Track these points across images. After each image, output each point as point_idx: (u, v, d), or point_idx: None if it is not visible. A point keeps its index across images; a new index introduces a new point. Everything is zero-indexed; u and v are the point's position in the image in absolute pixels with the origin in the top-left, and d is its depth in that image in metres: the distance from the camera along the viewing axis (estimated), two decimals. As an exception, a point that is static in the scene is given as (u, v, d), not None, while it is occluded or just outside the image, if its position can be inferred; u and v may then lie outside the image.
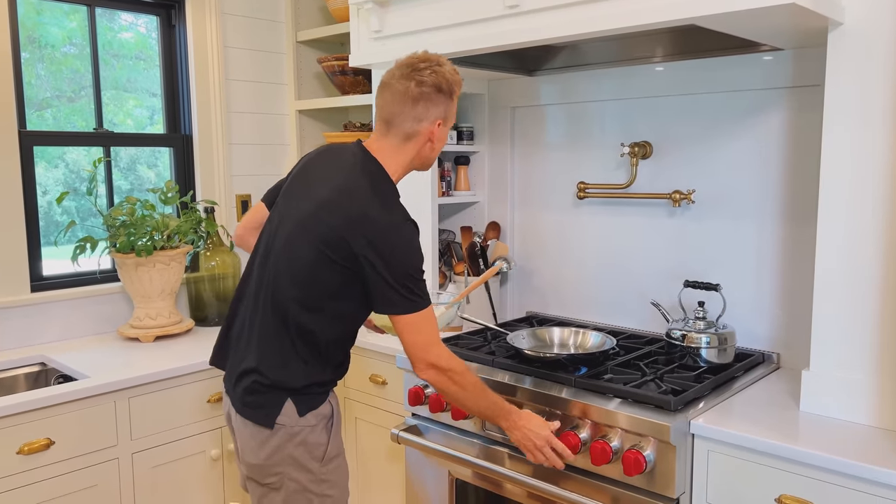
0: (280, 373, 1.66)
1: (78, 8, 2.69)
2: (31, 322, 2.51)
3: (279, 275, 1.66)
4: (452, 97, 1.69)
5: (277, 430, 1.66)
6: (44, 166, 2.65)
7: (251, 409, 1.68)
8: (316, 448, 1.69)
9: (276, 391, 1.67)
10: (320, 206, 1.62)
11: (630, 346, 2.26)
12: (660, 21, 1.65)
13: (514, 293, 2.80)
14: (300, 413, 1.66)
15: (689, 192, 2.25)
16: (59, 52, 2.69)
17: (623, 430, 1.74)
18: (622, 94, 2.40)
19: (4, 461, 1.92)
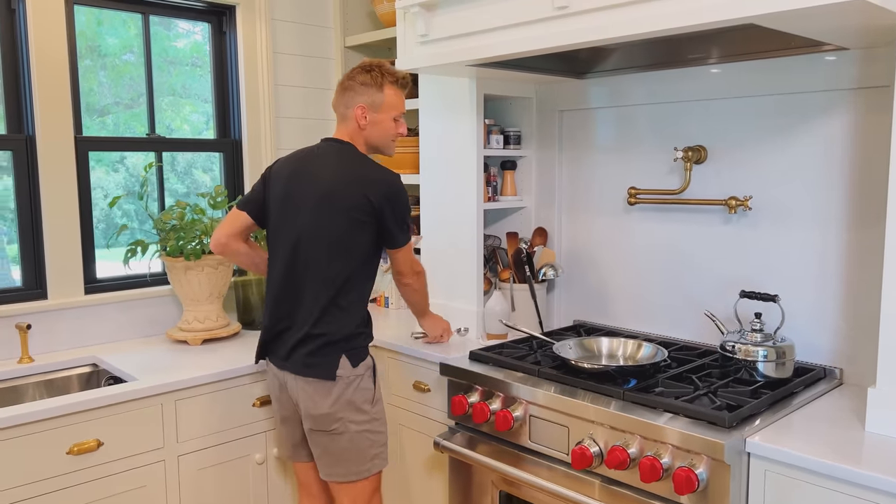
0: (333, 327, 2.04)
1: (136, 16, 2.75)
2: (84, 323, 2.56)
3: (318, 253, 2.04)
4: (381, 88, 2.07)
5: (338, 381, 2.03)
6: (104, 170, 2.72)
7: (314, 368, 2.04)
8: (366, 392, 2.08)
9: (332, 348, 2.04)
10: (334, 184, 2.03)
11: (682, 358, 2.18)
12: (717, 20, 1.58)
13: (561, 301, 2.74)
14: (353, 365, 2.05)
15: (746, 198, 2.16)
16: (120, 59, 2.75)
17: (674, 446, 1.67)
18: (675, 97, 2.33)
19: (55, 461, 1.96)
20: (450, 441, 2.19)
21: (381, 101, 2.08)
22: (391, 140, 2.15)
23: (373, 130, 2.11)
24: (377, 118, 2.09)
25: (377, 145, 2.14)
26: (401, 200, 2.08)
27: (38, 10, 2.40)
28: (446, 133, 2.62)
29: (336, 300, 2.05)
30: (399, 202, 2.08)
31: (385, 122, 2.11)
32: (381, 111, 2.09)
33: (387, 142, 2.14)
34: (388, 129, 2.12)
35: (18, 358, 2.39)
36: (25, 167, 2.46)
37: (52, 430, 1.95)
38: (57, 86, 2.46)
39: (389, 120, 2.11)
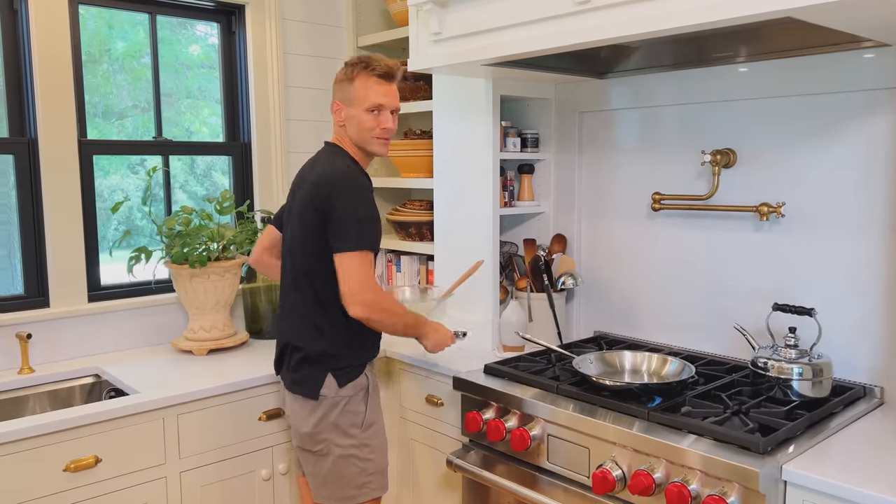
0: (311, 343, 1.93)
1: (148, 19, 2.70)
2: (87, 332, 2.49)
3: (296, 264, 1.96)
4: (351, 81, 1.93)
5: (322, 401, 1.92)
6: (123, 173, 2.66)
7: (298, 385, 1.96)
8: (355, 415, 1.94)
9: (315, 365, 1.93)
10: (302, 190, 1.94)
11: (710, 373, 2.05)
12: (753, 14, 1.46)
13: (581, 311, 2.62)
14: (339, 385, 1.93)
15: (779, 204, 2.03)
16: (138, 62, 2.69)
17: (703, 472, 1.55)
18: (702, 98, 2.20)
19: (51, 478, 1.88)
20: (463, 460, 2.09)
21: (353, 94, 1.93)
22: (373, 136, 1.95)
23: (350, 127, 1.96)
24: (351, 113, 1.94)
25: (358, 143, 1.97)
26: (348, 195, 1.86)
27: (40, 11, 2.33)
28: (461, 135, 2.52)
29: (314, 314, 1.95)
30: (344, 196, 1.85)
31: (359, 115, 1.93)
32: (353, 105, 1.93)
33: (367, 138, 1.95)
34: (363, 123, 1.93)
35: (19, 368, 2.32)
36: (27, 171, 2.39)
37: (48, 447, 1.87)
38: (60, 88, 2.38)
39: (363, 113, 1.93)
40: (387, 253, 3.10)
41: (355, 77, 1.92)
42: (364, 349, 2.00)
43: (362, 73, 1.92)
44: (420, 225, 2.86)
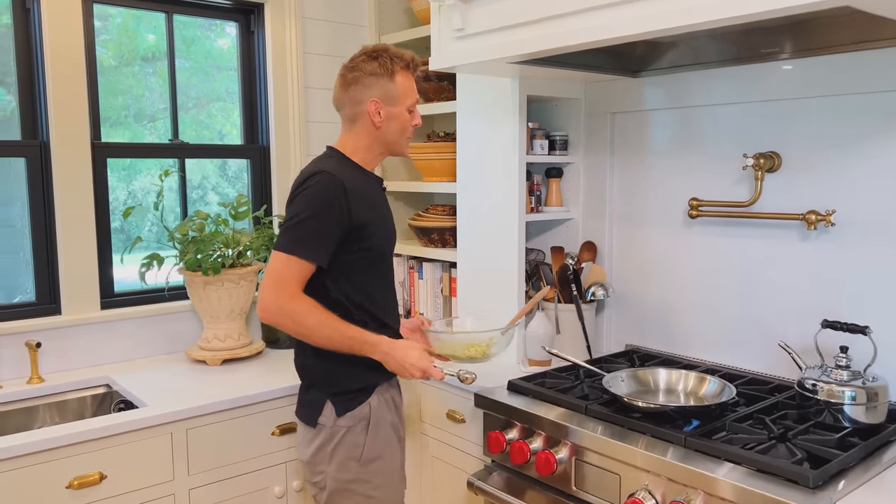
0: (306, 363, 1.79)
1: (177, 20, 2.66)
2: (99, 340, 2.42)
3: None
4: (392, 77, 1.76)
5: (320, 430, 1.77)
6: (153, 174, 2.62)
7: (301, 408, 1.83)
8: (354, 448, 1.76)
9: (315, 390, 1.79)
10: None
11: (751, 394, 1.90)
12: (801, 5, 1.32)
13: (612, 323, 2.48)
14: (338, 413, 1.75)
15: (829, 212, 1.87)
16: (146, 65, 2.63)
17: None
18: (743, 98, 2.05)
19: (53, 496, 1.80)
20: (485, 482, 1.97)
21: (395, 92, 1.76)
22: (406, 138, 1.83)
23: (389, 127, 1.79)
24: (393, 112, 1.78)
25: (392, 142, 1.81)
26: (303, 191, 1.69)
27: (52, 10, 2.27)
28: (486, 138, 2.40)
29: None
30: (301, 192, 1.69)
31: (402, 115, 1.79)
32: (396, 103, 1.77)
33: (403, 138, 1.82)
34: (405, 122, 1.80)
35: (28, 378, 2.25)
36: (39, 175, 2.33)
37: (50, 462, 1.80)
38: (72, 89, 2.32)
39: (405, 112, 1.79)
40: (408, 259, 2.99)
41: (396, 73, 1.76)
42: (366, 369, 1.76)
43: (404, 69, 1.78)
44: (443, 231, 2.74)
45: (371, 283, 1.79)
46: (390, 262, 1.90)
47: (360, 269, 1.76)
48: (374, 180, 1.86)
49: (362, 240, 1.74)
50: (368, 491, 1.78)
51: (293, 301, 1.66)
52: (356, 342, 1.69)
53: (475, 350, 2.06)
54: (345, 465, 1.76)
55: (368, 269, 1.78)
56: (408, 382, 2.44)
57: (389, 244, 1.87)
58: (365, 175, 1.83)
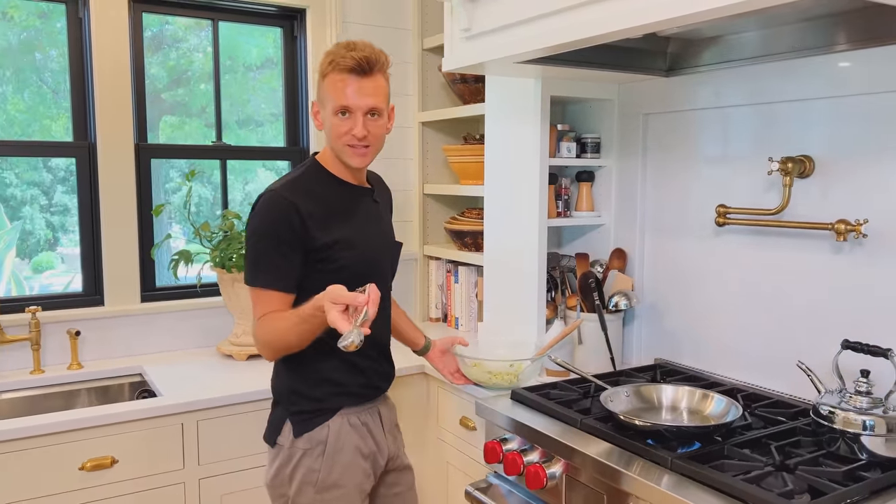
0: (273, 379, 1.77)
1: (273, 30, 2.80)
2: (138, 331, 2.55)
3: None
4: (323, 77, 1.65)
5: (279, 451, 1.71)
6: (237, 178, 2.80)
7: (266, 427, 1.77)
8: (310, 473, 1.67)
9: (277, 407, 1.74)
10: None
11: (770, 417, 1.75)
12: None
13: (643, 335, 2.36)
14: (295, 434, 1.68)
15: (859, 222, 1.70)
16: (271, 72, 2.83)
17: (724, 541, 1.30)
18: (779, 97, 1.89)
19: (66, 476, 1.90)
20: (484, 494, 1.91)
21: (322, 94, 1.65)
22: (343, 144, 1.64)
23: (327, 132, 1.67)
24: (325, 115, 1.65)
25: (337, 152, 1.68)
26: (251, 220, 1.64)
27: (100, 18, 2.41)
28: (510, 140, 2.34)
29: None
30: (250, 220, 1.64)
31: (329, 118, 1.63)
32: (326, 105, 1.64)
33: (338, 144, 1.65)
34: (333, 126, 1.63)
35: (68, 364, 2.40)
36: (87, 174, 2.48)
37: (65, 444, 1.90)
38: (118, 92, 2.45)
39: (331, 115, 1.63)
40: (446, 263, 2.97)
41: (326, 74, 1.62)
42: (328, 392, 1.69)
43: (331, 69, 1.61)
44: (476, 234, 2.71)
45: None
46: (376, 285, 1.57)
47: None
48: (351, 192, 1.74)
49: (328, 261, 1.63)
50: None
51: (255, 329, 1.62)
52: (307, 321, 1.52)
53: (502, 378, 2.05)
54: (301, 489, 1.67)
55: None
56: (421, 386, 2.42)
57: (369, 264, 1.72)
58: (338, 187, 1.72)
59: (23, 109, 2.46)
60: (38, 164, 2.51)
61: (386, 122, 1.71)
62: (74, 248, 2.55)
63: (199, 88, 2.71)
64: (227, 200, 2.76)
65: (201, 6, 2.65)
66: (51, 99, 2.49)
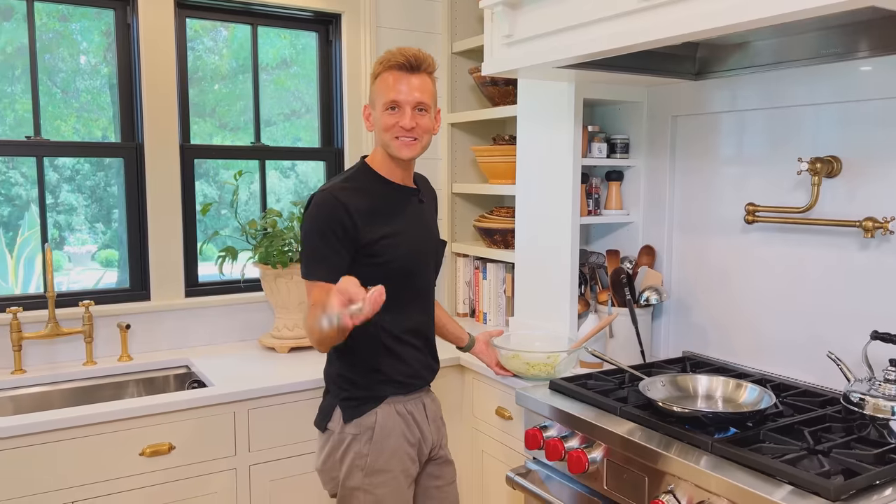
0: (327, 366, 1.88)
1: (300, 33, 2.92)
2: (183, 325, 2.64)
3: None
4: (374, 80, 1.79)
5: (329, 436, 1.82)
6: (277, 176, 2.92)
7: (317, 414, 1.89)
8: (359, 458, 1.78)
9: (329, 394, 1.85)
10: None
11: (800, 405, 1.85)
12: (825, 5, 1.29)
13: (671, 329, 2.45)
14: (345, 420, 1.79)
15: (886, 219, 1.79)
16: (290, 72, 2.91)
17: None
18: (806, 100, 1.99)
19: (128, 461, 2.00)
20: (524, 478, 2.01)
21: (373, 94, 1.79)
22: (391, 137, 1.75)
23: (377, 130, 1.79)
24: (375, 115, 1.79)
25: (385, 146, 1.79)
26: (305, 219, 1.76)
27: (148, 24, 2.51)
28: (543, 141, 2.44)
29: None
30: (304, 219, 1.76)
31: (379, 115, 1.76)
32: (376, 104, 1.78)
33: (385, 138, 1.76)
34: (383, 122, 1.75)
35: (119, 356, 2.50)
36: (134, 174, 2.58)
37: (126, 431, 2.00)
38: (164, 95, 2.55)
39: (383, 112, 1.75)
40: (474, 260, 3.07)
41: (378, 76, 1.77)
42: (376, 380, 1.80)
43: (383, 69, 1.75)
44: (505, 232, 2.80)
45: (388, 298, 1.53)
46: (420, 279, 1.86)
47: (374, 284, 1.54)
48: (398, 192, 1.84)
49: (375, 256, 1.75)
50: (372, 502, 1.78)
51: (308, 317, 1.70)
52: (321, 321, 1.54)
53: (540, 369, 2.14)
54: (351, 472, 1.78)
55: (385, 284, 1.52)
56: (455, 378, 2.51)
57: (413, 260, 1.82)
58: (385, 187, 1.82)
59: (31, 109, 2.45)
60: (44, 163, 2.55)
61: (433, 119, 1.82)
62: (81, 248, 2.62)
63: (212, 89, 2.79)
64: (266, 198, 2.86)
65: (241, 11, 2.74)
66: (60, 99, 2.53)
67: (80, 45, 2.53)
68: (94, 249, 2.66)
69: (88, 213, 2.62)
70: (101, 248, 2.66)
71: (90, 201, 2.62)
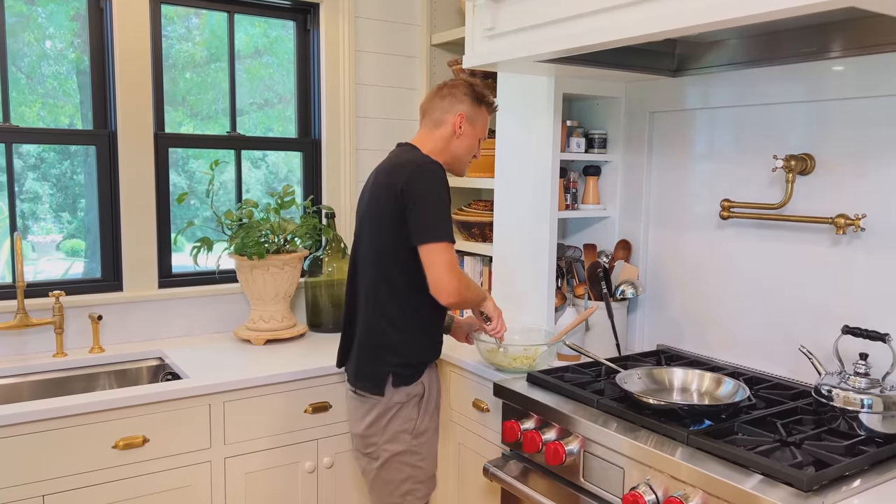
0: (378, 338, 1.96)
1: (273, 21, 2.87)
2: (156, 317, 2.61)
3: (363, 258, 1.99)
4: (480, 103, 2.02)
5: (377, 403, 1.95)
6: (247, 166, 2.89)
7: (361, 380, 1.99)
8: (407, 422, 1.96)
9: (379, 362, 1.95)
10: (376, 187, 1.96)
11: (772, 398, 1.88)
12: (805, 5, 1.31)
13: (645, 322, 2.48)
14: (395, 387, 1.94)
15: (857, 216, 1.83)
16: (261, 61, 2.88)
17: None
18: (782, 98, 2.02)
19: (100, 454, 1.97)
20: (501, 470, 2.02)
21: (478, 118, 2.03)
22: (469, 159, 2.07)
23: (462, 142, 2.03)
24: (469, 131, 2.02)
25: (458, 157, 2.04)
26: (427, 182, 1.87)
27: (122, 9, 2.46)
28: (522, 135, 2.44)
29: (382, 309, 1.96)
30: (425, 183, 1.86)
31: (473, 138, 2.04)
32: (475, 126, 2.03)
33: (466, 158, 2.06)
34: (473, 145, 2.05)
35: (90, 347, 2.46)
36: (107, 162, 2.53)
37: (98, 424, 1.97)
38: (138, 83, 2.51)
39: (475, 139, 2.05)
40: (452, 253, 3.06)
41: (483, 105, 2.03)
42: (426, 347, 2.01)
43: (488, 107, 2.06)
44: (483, 226, 2.80)
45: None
46: None
47: None
48: None
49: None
50: (416, 462, 1.99)
51: (462, 276, 1.91)
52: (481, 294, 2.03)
53: (521, 362, 2.16)
54: (398, 437, 1.95)
55: None
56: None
57: None
58: None
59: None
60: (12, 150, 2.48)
61: None
62: (45, 237, 2.57)
63: (184, 77, 2.74)
64: (241, 188, 2.83)
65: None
66: (24, 85, 2.46)
67: (46, 30, 2.47)
68: (59, 239, 2.61)
69: (53, 201, 2.56)
70: (66, 237, 2.61)
71: (55, 190, 2.56)
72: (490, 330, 2.12)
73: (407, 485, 1.99)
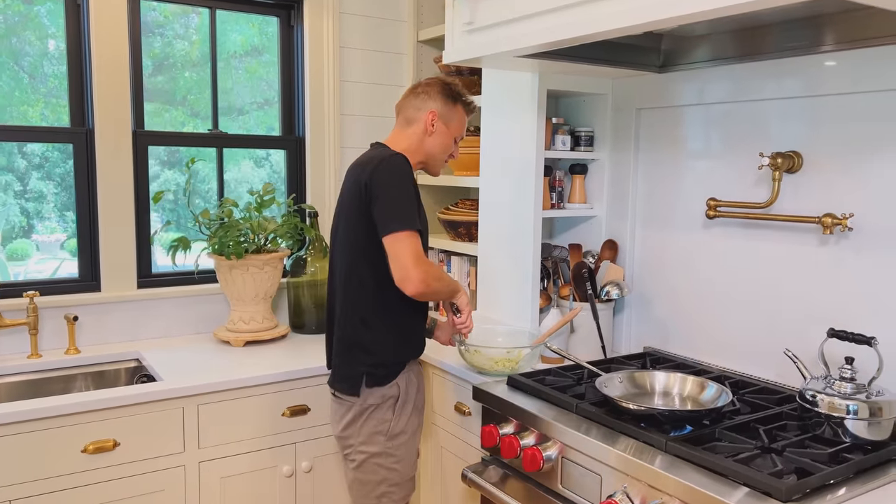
0: (352, 336, 1.92)
1: (268, 19, 2.84)
2: (135, 317, 2.56)
3: (337, 256, 1.98)
4: (455, 101, 2.00)
5: (352, 404, 1.93)
6: (251, 165, 2.87)
7: (338, 382, 1.97)
8: (381, 423, 1.92)
9: (355, 362, 1.92)
10: (346, 184, 1.95)
11: (757, 403, 1.83)
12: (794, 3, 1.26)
13: (632, 324, 2.43)
14: (369, 387, 1.91)
15: (845, 216, 1.77)
16: (261, 60, 2.84)
17: (716, 518, 1.36)
18: (771, 94, 1.96)
19: (69, 459, 1.93)
20: (479, 476, 1.97)
21: (453, 116, 2.01)
22: (445, 158, 2.05)
23: (435, 140, 2.00)
24: (443, 130, 2.00)
25: (432, 156, 2.02)
26: (389, 174, 1.84)
27: (100, 5, 2.41)
28: (506, 132, 2.39)
29: (354, 307, 1.93)
30: (386, 175, 1.83)
31: (447, 136, 2.01)
32: (449, 125, 2.00)
33: (441, 157, 2.04)
34: (447, 144, 2.03)
35: (66, 348, 2.41)
36: (85, 160, 2.49)
37: (67, 427, 1.92)
38: (116, 80, 2.46)
39: (451, 137, 2.02)
40: (438, 253, 3.02)
41: (458, 104, 2.01)
42: (401, 346, 1.96)
43: (464, 105, 2.02)
44: (469, 225, 2.75)
45: None
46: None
47: None
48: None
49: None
50: (391, 464, 1.95)
51: (430, 265, 1.85)
52: (452, 286, 1.97)
53: (503, 365, 2.12)
54: (372, 438, 1.93)
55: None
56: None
57: (425, 239, 2.00)
58: None
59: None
60: (12, 150, 2.48)
61: None
62: (50, 236, 2.54)
63: (183, 76, 2.71)
64: (223, 186, 2.78)
65: (199, -6, 2.66)
66: (27, 84, 2.45)
67: (48, 30, 2.43)
68: (63, 238, 2.57)
69: (58, 201, 2.53)
70: (70, 236, 2.57)
71: (60, 189, 2.53)
72: (458, 323, 2.06)
73: (382, 487, 1.96)
